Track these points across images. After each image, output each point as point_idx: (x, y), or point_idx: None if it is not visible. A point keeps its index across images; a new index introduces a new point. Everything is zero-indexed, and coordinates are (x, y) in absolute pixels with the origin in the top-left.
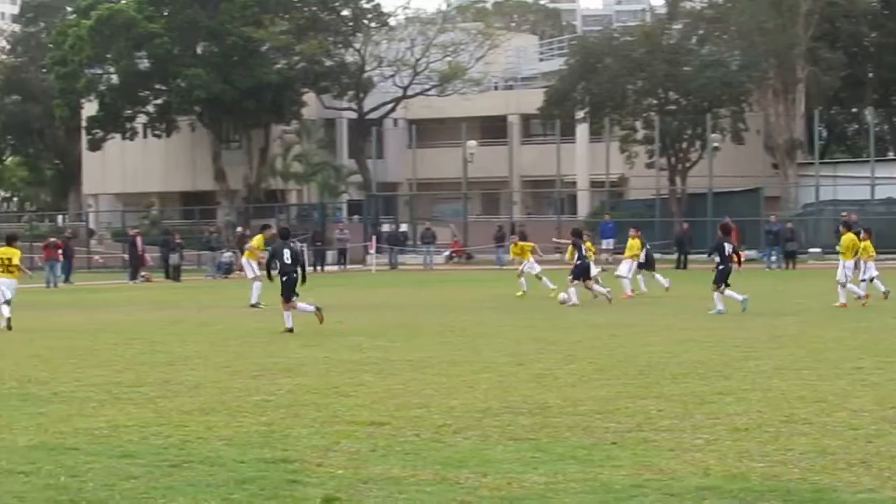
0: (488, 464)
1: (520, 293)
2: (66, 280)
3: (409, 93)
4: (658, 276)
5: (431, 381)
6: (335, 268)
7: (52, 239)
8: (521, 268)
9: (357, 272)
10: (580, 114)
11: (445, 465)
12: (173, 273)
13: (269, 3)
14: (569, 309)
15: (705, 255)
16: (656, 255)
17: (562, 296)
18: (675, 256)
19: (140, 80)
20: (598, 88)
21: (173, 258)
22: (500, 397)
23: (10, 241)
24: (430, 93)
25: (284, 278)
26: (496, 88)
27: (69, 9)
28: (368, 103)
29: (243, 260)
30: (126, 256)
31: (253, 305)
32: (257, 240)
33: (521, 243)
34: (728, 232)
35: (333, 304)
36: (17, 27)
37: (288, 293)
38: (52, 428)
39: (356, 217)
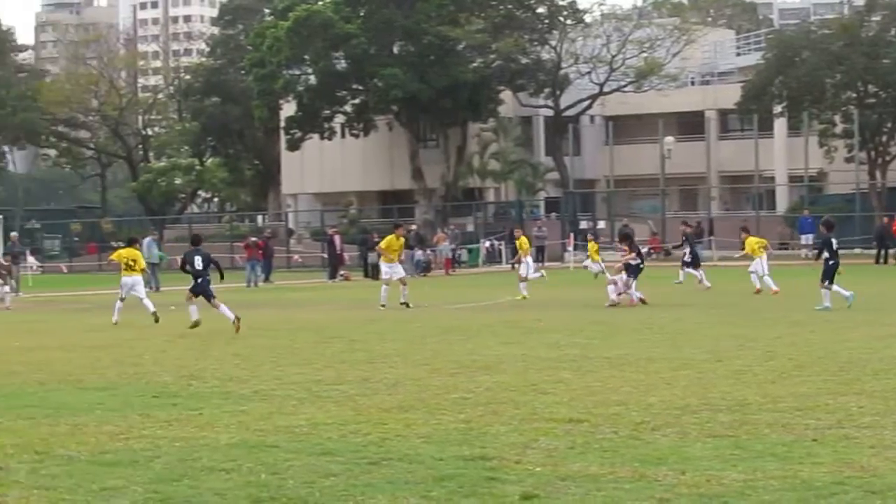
0: (686, 461)
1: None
2: (266, 279)
3: (606, 89)
4: (700, 273)
5: (629, 378)
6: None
7: (253, 238)
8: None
9: (555, 269)
10: (778, 108)
11: (643, 462)
12: (372, 272)
13: (465, 2)
14: (767, 305)
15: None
16: (855, 251)
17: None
18: (874, 252)
19: (337, 81)
20: (795, 82)
21: (372, 257)
22: (698, 394)
23: (132, 242)
24: (626, 89)
25: (199, 280)
26: (693, 84)
27: (267, 10)
28: (565, 100)
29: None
30: (325, 255)
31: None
32: (388, 241)
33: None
34: (831, 228)
35: (530, 301)
36: (215, 30)
37: (198, 292)
38: (252, 426)
39: (553, 214)
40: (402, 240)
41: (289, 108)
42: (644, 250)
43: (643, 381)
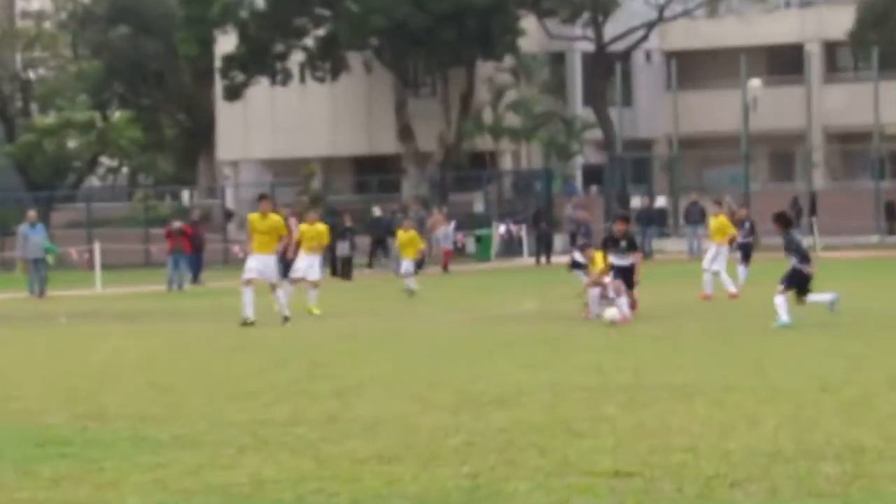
0: None
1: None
2: (195, 279)
3: (667, 15)
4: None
5: (699, 415)
6: (566, 257)
7: (177, 224)
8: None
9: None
10: None
11: None
12: (342, 268)
13: None
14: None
15: None
16: None
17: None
18: None
19: (296, 4)
20: None
21: (342, 247)
22: (795, 436)
23: None
24: (695, 14)
25: None
26: (788, 6)
27: None
28: (610, 30)
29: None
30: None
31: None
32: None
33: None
34: None
35: (559, 308)
36: None
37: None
38: (173, 485)
39: (595, 188)
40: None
41: (227, 43)
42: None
43: (718, 418)
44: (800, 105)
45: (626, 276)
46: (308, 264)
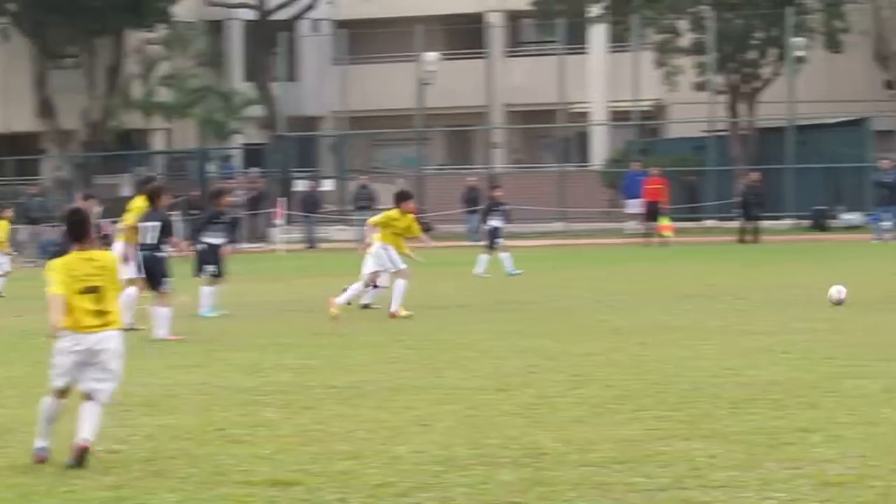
0: None
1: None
2: None
3: None
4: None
5: (367, 418)
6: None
7: None
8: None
9: (256, 253)
10: (595, 9)
11: None
12: None
13: None
14: (573, 307)
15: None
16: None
17: None
18: (739, 224)
19: None
20: None
21: None
22: (470, 440)
23: None
24: None
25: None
26: None
27: None
28: None
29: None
30: None
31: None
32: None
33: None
34: None
35: (218, 302)
36: None
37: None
38: None
39: (255, 170)
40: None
41: None
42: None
43: (387, 421)
44: (480, 81)
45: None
46: None
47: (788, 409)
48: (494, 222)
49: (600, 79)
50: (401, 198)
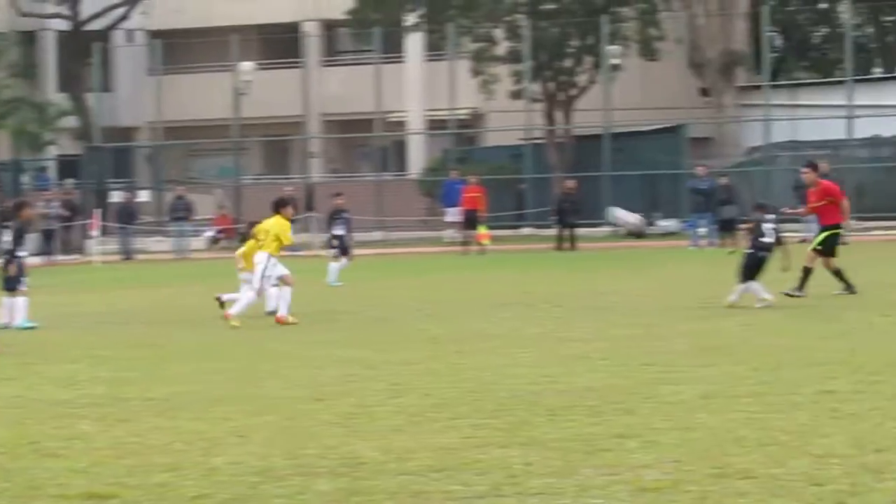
0: None
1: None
2: None
3: None
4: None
5: (184, 430)
6: (37, 259)
7: None
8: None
9: (71, 265)
10: (411, 18)
11: None
12: None
13: None
14: (401, 315)
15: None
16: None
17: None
18: (555, 231)
19: None
20: None
21: None
22: (287, 451)
23: None
24: None
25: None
26: None
27: None
28: (88, 8)
29: None
30: None
31: None
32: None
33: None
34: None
35: (31, 314)
36: None
37: None
38: None
39: (71, 181)
40: None
41: None
42: (209, 234)
43: (205, 433)
44: (296, 90)
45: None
46: None
47: (605, 415)
48: (337, 230)
49: (417, 87)
50: (281, 204)
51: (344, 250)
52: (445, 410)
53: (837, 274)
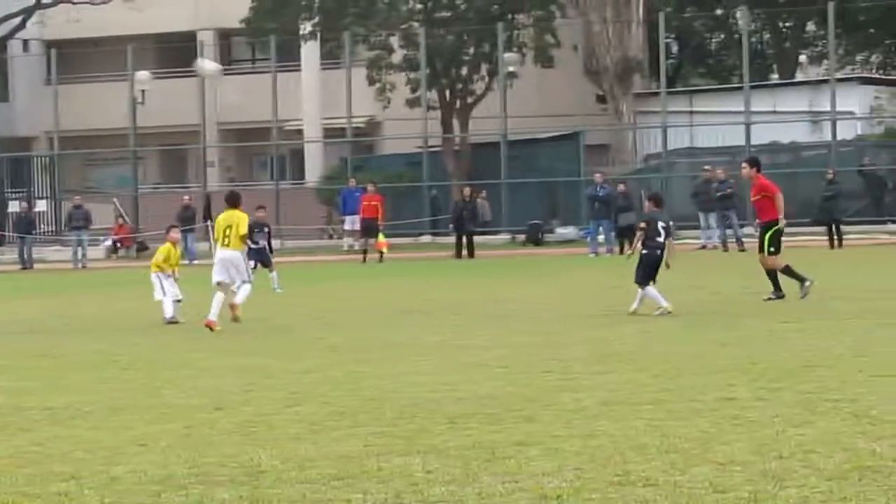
0: None
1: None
2: None
3: (46, 0)
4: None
5: (84, 439)
6: None
7: None
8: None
9: None
10: (307, 27)
11: None
12: None
13: None
14: (300, 323)
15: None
16: (424, 238)
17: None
18: (453, 239)
19: None
20: None
21: None
22: (187, 459)
23: None
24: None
25: None
26: None
27: None
28: None
29: None
30: None
31: None
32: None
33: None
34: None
35: None
36: None
37: None
38: None
39: None
40: None
41: None
42: (107, 243)
43: (104, 442)
44: (193, 99)
45: None
46: None
47: (505, 423)
48: (258, 242)
49: (314, 96)
50: (238, 199)
51: (265, 262)
52: (345, 419)
53: (772, 275)
